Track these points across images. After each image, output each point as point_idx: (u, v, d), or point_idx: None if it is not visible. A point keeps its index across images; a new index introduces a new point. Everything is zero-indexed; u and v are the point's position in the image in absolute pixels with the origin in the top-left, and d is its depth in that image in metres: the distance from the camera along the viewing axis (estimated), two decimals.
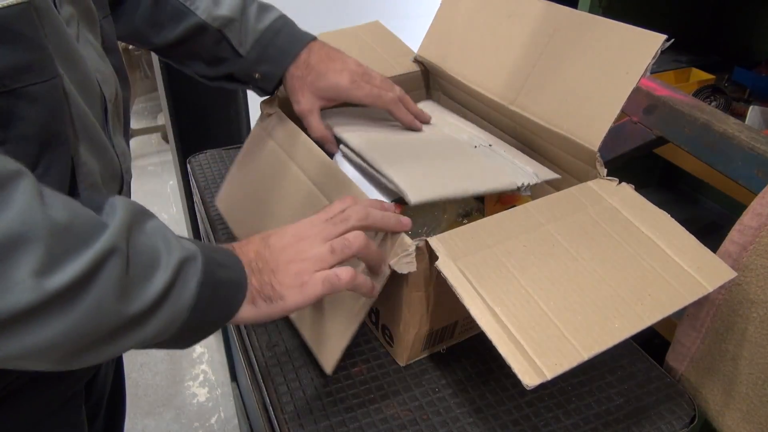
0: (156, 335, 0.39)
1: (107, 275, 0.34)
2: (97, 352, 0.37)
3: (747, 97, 1.05)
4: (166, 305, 0.38)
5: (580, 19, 0.64)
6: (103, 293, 0.34)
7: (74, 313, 0.33)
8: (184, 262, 0.39)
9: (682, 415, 0.60)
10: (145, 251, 0.37)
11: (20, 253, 0.30)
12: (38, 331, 0.32)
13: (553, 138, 0.66)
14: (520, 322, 0.45)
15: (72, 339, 0.34)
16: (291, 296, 0.45)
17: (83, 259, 0.33)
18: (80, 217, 0.34)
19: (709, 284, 0.50)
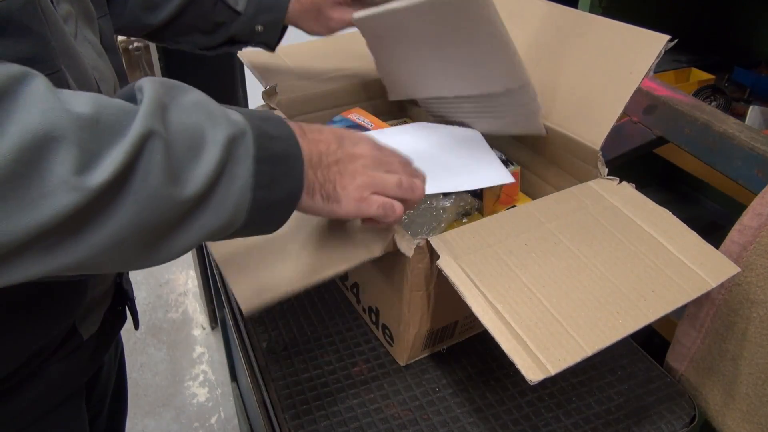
0: (227, 221, 0.37)
1: (149, 160, 0.31)
2: (169, 242, 0.35)
3: (747, 97, 1.05)
4: (223, 186, 0.36)
5: (582, 19, 0.64)
6: (151, 180, 0.32)
7: (128, 205, 0.31)
8: (234, 137, 0.36)
9: (682, 415, 0.60)
10: (186, 129, 0.34)
11: (52, 154, 0.28)
12: (97, 230, 0.31)
13: (554, 137, 0.66)
14: (523, 318, 0.45)
15: (135, 232, 0.32)
16: (347, 204, 0.44)
17: (119, 149, 0.31)
18: (107, 107, 0.32)
19: (713, 280, 0.50)
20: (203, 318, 1.76)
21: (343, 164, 0.45)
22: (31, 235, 0.28)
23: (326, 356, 0.64)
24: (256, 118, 0.39)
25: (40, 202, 0.28)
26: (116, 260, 0.34)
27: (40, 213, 0.28)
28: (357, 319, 0.69)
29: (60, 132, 0.28)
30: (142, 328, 1.71)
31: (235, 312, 0.73)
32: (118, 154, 0.30)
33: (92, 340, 0.55)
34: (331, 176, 0.44)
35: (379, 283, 0.61)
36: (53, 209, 0.28)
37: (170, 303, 1.81)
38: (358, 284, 0.67)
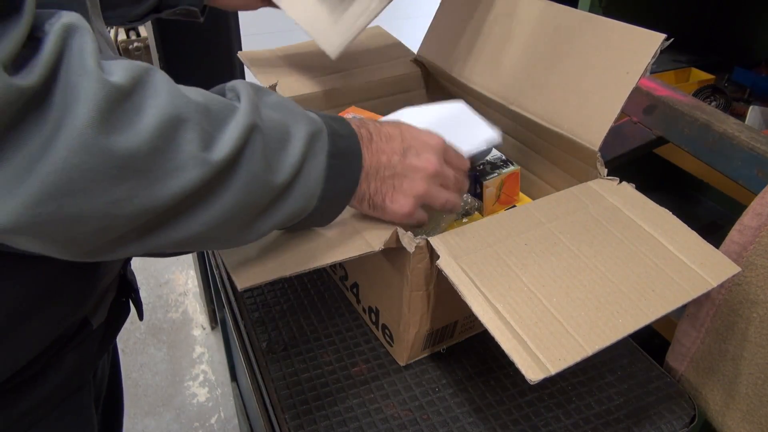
0: (302, 207, 0.42)
1: (253, 147, 0.36)
2: (259, 223, 0.40)
3: (747, 97, 1.05)
4: (304, 175, 0.40)
5: (580, 19, 0.64)
6: (254, 165, 0.36)
7: (238, 184, 0.36)
8: (313, 134, 0.41)
9: (682, 415, 0.60)
10: (275, 125, 0.39)
11: (181, 133, 0.32)
12: (214, 205, 0.35)
13: (553, 138, 0.66)
14: (523, 318, 0.45)
15: (240, 210, 0.37)
16: (391, 215, 0.49)
17: (232, 133, 0.35)
18: (213, 98, 0.36)
19: (713, 279, 0.50)
20: (203, 318, 1.76)
21: (399, 179, 0.48)
22: (169, 203, 0.33)
23: (326, 356, 0.64)
24: (327, 117, 0.44)
25: (175, 173, 0.32)
26: (219, 236, 0.38)
27: (177, 182, 0.32)
28: (357, 319, 0.69)
29: (185, 115, 0.33)
30: (142, 328, 1.71)
31: (235, 312, 0.73)
32: (232, 137, 0.35)
33: (100, 330, 0.56)
34: (384, 189, 0.48)
35: (379, 283, 0.61)
36: (186, 180, 0.33)
37: (170, 303, 1.81)
38: (358, 284, 0.67)
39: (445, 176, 0.50)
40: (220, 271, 0.80)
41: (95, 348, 0.56)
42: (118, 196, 0.31)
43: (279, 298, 0.72)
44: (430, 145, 0.50)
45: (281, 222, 0.41)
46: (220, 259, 0.80)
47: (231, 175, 0.35)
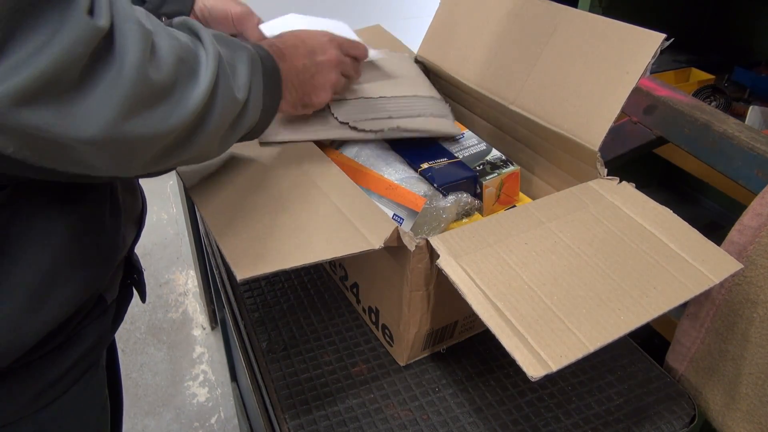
0: (251, 121, 0.50)
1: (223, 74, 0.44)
2: (230, 137, 0.48)
3: (747, 97, 1.05)
4: (253, 92, 0.48)
5: (580, 19, 0.64)
6: (226, 88, 0.44)
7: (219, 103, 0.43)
8: (251, 59, 0.49)
9: (682, 415, 0.60)
10: (226, 54, 0.46)
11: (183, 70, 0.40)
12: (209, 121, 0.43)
13: (553, 138, 0.66)
14: (524, 316, 0.45)
15: (222, 124, 0.45)
16: (320, 104, 0.62)
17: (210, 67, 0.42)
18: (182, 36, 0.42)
19: (715, 276, 0.50)
20: (203, 318, 1.76)
21: (315, 77, 0.59)
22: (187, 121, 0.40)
23: (326, 356, 0.64)
24: (250, 44, 0.52)
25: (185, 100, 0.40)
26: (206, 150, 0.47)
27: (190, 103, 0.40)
28: (357, 319, 0.69)
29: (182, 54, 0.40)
30: (142, 328, 1.71)
31: (235, 312, 0.73)
32: (210, 70, 0.42)
33: (113, 307, 0.59)
34: (307, 89, 0.59)
35: (379, 283, 0.61)
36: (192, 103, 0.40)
37: (170, 303, 1.81)
38: (358, 284, 0.67)
39: (346, 65, 0.63)
40: (220, 271, 0.80)
41: (109, 324, 0.59)
42: (160, 115, 0.38)
43: (279, 298, 0.72)
44: (329, 42, 0.61)
45: (240, 134, 0.50)
46: (220, 256, 0.80)
47: (214, 96, 0.42)
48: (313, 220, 0.53)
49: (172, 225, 2.13)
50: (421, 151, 0.73)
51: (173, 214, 2.19)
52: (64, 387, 0.53)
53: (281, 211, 0.54)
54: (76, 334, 0.53)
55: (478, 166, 0.71)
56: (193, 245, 1.58)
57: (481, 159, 0.72)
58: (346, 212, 0.53)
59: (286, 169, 0.61)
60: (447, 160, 0.70)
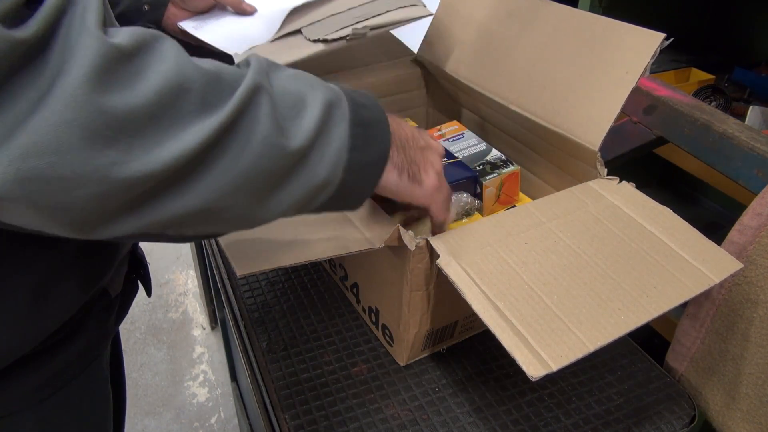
0: (325, 178, 0.39)
1: (257, 109, 0.35)
2: (277, 195, 0.38)
3: (747, 97, 1.05)
4: (323, 143, 0.38)
5: (580, 18, 0.64)
6: (260, 128, 0.35)
7: (241, 148, 0.34)
8: (332, 102, 0.40)
9: (682, 415, 0.60)
10: (289, 91, 0.38)
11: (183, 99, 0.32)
12: (215, 172, 0.34)
13: (553, 138, 0.66)
14: (524, 316, 0.45)
15: (249, 178, 0.35)
16: (426, 188, 0.48)
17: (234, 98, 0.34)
18: (226, 68, 0.36)
19: (715, 276, 0.50)
20: (203, 318, 1.76)
21: (426, 152, 0.49)
22: (166, 168, 0.31)
23: (326, 356, 0.64)
24: (347, 89, 0.43)
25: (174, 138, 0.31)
26: (233, 209, 0.36)
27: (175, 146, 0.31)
28: (357, 319, 0.69)
29: (190, 83, 0.32)
30: (142, 328, 1.71)
31: (235, 312, 0.73)
32: (234, 99, 0.34)
33: (116, 301, 0.59)
34: (417, 159, 0.48)
35: (379, 283, 0.61)
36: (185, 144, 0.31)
37: (170, 303, 1.81)
38: (358, 284, 0.67)
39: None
40: (220, 271, 0.80)
41: (113, 318, 0.59)
42: (113, 158, 0.30)
43: (279, 298, 0.72)
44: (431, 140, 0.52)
45: (302, 196, 0.39)
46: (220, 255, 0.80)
47: (232, 137, 0.34)
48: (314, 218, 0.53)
49: None
50: None
51: None
52: (66, 379, 0.54)
53: None
54: (79, 328, 0.53)
55: (478, 166, 0.71)
56: (193, 245, 1.58)
57: (481, 159, 0.72)
58: (347, 212, 0.54)
59: None
60: (447, 160, 0.70)
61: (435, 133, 0.78)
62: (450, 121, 0.81)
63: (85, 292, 0.51)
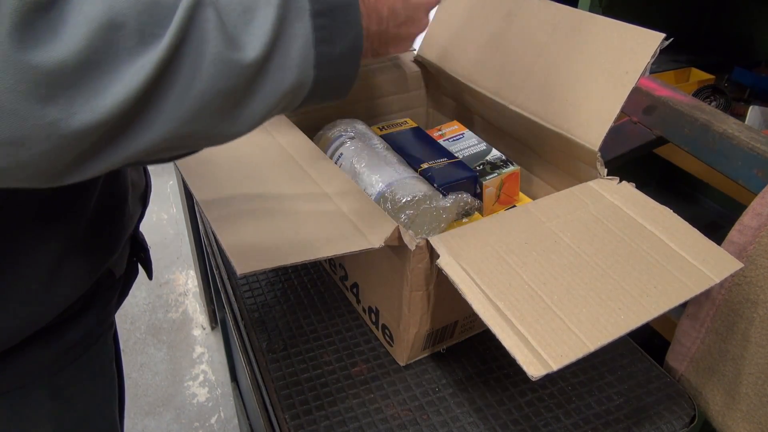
0: (295, 81, 0.37)
1: (203, 27, 0.32)
2: (245, 108, 0.36)
3: (747, 97, 1.05)
4: (283, 45, 0.36)
5: (580, 18, 0.64)
6: (209, 47, 0.32)
7: (193, 71, 0.32)
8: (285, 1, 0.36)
9: (682, 415, 0.60)
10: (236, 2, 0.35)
11: (117, 38, 0.29)
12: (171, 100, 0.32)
13: (553, 138, 0.66)
14: (524, 315, 0.45)
15: (208, 100, 0.33)
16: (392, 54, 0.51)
17: (175, 21, 0.31)
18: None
19: (716, 275, 0.50)
20: (203, 318, 1.76)
21: (405, 26, 0.48)
22: (116, 113, 0.30)
23: (326, 356, 0.64)
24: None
25: (116, 81, 0.29)
26: (199, 131, 0.35)
27: (120, 89, 0.30)
28: (357, 319, 0.69)
29: (122, 18, 0.29)
30: (142, 328, 1.71)
31: (235, 312, 0.73)
32: (173, 26, 0.31)
33: (120, 282, 0.61)
34: (388, 38, 0.47)
35: (379, 283, 0.61)
36: (129, 84, 0.30)
37: (170, 303, 1.81)
38: (358, 284, 0.67)
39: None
40: (220, 271, 0.80)
41: (115, 298, 0.61)
42: (55, 115, 0.28)
43: (279, 298, 0.72)
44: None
45: (274, 102, 0.37)
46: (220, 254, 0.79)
47: (179, 64, 0.31)
48: (314, 218, 0.53)
49: (172, 225, 2.13)
50: (421, 151, 0.73)
51: (173, 214, 2.19)
52: (76, 354, 0.56)
53: (281, 208, 0.54)
54: (87, 307, 0.56)
55: (478, 166, 0.71)
56: (193, 245, 1.58)
57: (481, 159, 0.72)
58: (347, 211, 0.53)
59: (286, 166, 0.61)
60: (447, 160, 0.70)
61: (435, 133, 0.78)
62: (450, 121, 0.81)
63: (95, 271, 0.54)
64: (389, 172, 0.66)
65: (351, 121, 0.77)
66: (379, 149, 0.71)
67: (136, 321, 1.72)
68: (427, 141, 0.76)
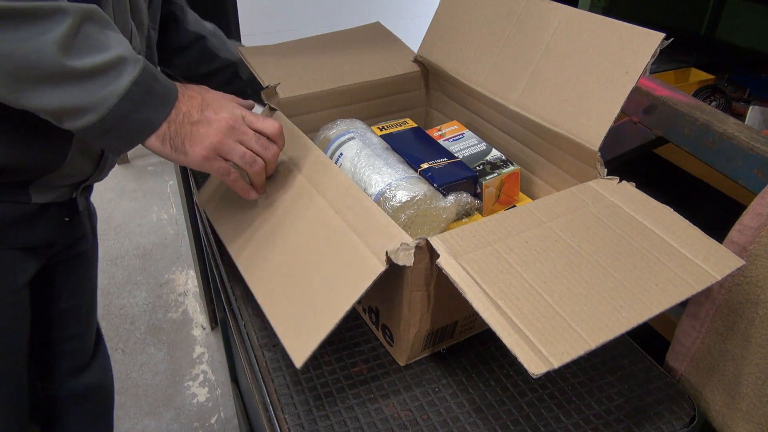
0: (89, 103, 0.49)
1: (53, 24, 0.46)
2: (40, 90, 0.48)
3: (747, 97, 1.06)
4: (100, 79, 0.49)
5: (579, 18, 0.64)
6: (49, 36, 0.46)
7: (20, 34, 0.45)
8: (127, 58, 0.50)
9: (682, 415, 0.60)
10: (96, 38, 0.49)
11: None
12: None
13: (553, 138, 0.66)
14: (525, 314, 0.45)
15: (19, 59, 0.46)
16: (192, 158, 0.56)
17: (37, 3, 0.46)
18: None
19: (717, 273, 0.50)
20: (203, 318, 1.76)
21: (197, 126, 0.56)
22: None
23: (326, 356, 0.64)
24: (151, 65, 0.53)
25: None
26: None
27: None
28: (357, 319, 0.69)
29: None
30: (141, 328, 1.71)
31: (235, 312, 0.73)
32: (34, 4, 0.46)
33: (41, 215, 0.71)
34: (183, 133, 0.55)
35: (379, 283, 0.61)
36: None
37: (170, 303, 1.81)
38: None
39: (243, 133, 0.58)
40: (220, 271, 0.80)
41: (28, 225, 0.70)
42: None
43: None
44: (228, 107, 0.58)
45: (63, 104, 0.49)
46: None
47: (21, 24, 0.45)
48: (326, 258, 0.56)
49: (172, 225, 2.13)
50: (421, 151, 0.73)
51: (173, 214, 2.19)
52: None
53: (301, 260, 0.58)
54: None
55: (478, 165, 0.71)
56: (193, 245, 1.58)
57: (481, 159, 0.72)
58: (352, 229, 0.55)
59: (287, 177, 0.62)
60: (447, 160, 0.70)
61: (435, 133, 0.78)
62: (450, 121, 0.81)
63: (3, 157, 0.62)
64: (389, 172, 0.67)
65: (351, 121, 0.77)
66: (379, 149, 0.71)
67: (136, 321, 1.72)
68: (427, 141, 0.76)
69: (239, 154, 0.58)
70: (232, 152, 0.57)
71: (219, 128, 0.56)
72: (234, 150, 0.57)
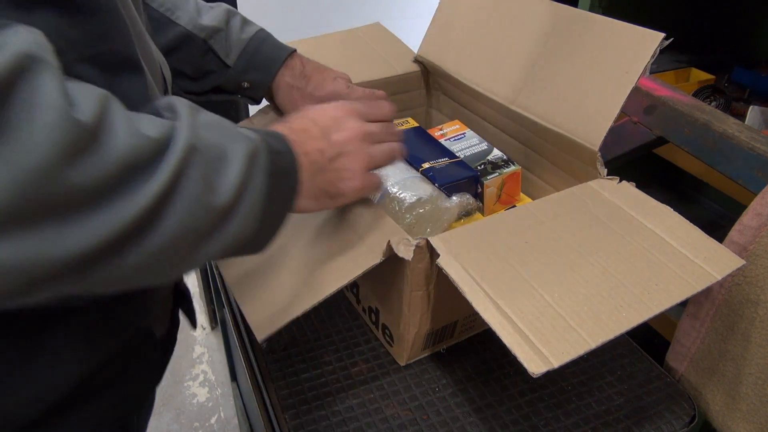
0: (246, 232, 0.40)
1: (192, 170, 0.35)
2: (204, 249, 0.38)
3: (747, 97, 1.05)
4: (246, 196, 0.39)
5: (580, 18, 0.64)
6: (193, 187, 0.35)
7: (177, 210, 0.34)
8: (251, 152, 0.39)
9: (682, 415, 0.60)
10: (213, 143, 0.37)
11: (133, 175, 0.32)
12: (153, 235, 0.33)
13: (553, 138, 0.66)
14: (525, 313, 0.45)
15: (181, 237, 0.35)
16: (351, 194, 0.50)
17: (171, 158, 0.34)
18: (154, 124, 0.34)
19: (717, 273, 0.50)
20: (203, 318, 1.76)
21: (337, 161, 0.48)
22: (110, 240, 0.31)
23: (326, 356, 0.64)
24: (263, 133, 0.43)
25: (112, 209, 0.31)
26: (163, 266, 0.36)
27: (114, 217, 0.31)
28: (357, 319, 0.69)
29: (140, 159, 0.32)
30: None
31: (235, 312, 0.73)
32: (169, 163, 0.33)
33: (161, 343, 0.57)
34: (330, 177, 0.48)
35: (379, 283, 0.61)
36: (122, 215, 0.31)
37: None
38: (358, 284, 0.67)
39: (373, 132, 0.52)
40: (220, 272, 0.80)
41: (158, 361, 0.58)
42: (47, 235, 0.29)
43: None
44: (341, 115, 0.51)
45: (226, 248, 0.39)
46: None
47: (170, 200, 0.34)
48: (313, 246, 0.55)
49: None
50: (423, 150, 0.73)
51: None
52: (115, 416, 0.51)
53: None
54: (120, 375, 0.50)
55: (479, 165, 0.71)
56: None
57: (483, 159, 0.72)
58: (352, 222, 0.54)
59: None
60: (448, 160, 0.70)
61: (436, 133, 0.78)
62: (452, 121, 0.81)
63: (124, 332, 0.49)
64: (392, 172, 0.66)
65: None
66: None
67: None
68: (428, 140, 0.76)
69: (387, 156, 0.53)
70: (375, 160, 0.52)
71: (357, 145, 0.50)
72: (380, 155, 0.52)
